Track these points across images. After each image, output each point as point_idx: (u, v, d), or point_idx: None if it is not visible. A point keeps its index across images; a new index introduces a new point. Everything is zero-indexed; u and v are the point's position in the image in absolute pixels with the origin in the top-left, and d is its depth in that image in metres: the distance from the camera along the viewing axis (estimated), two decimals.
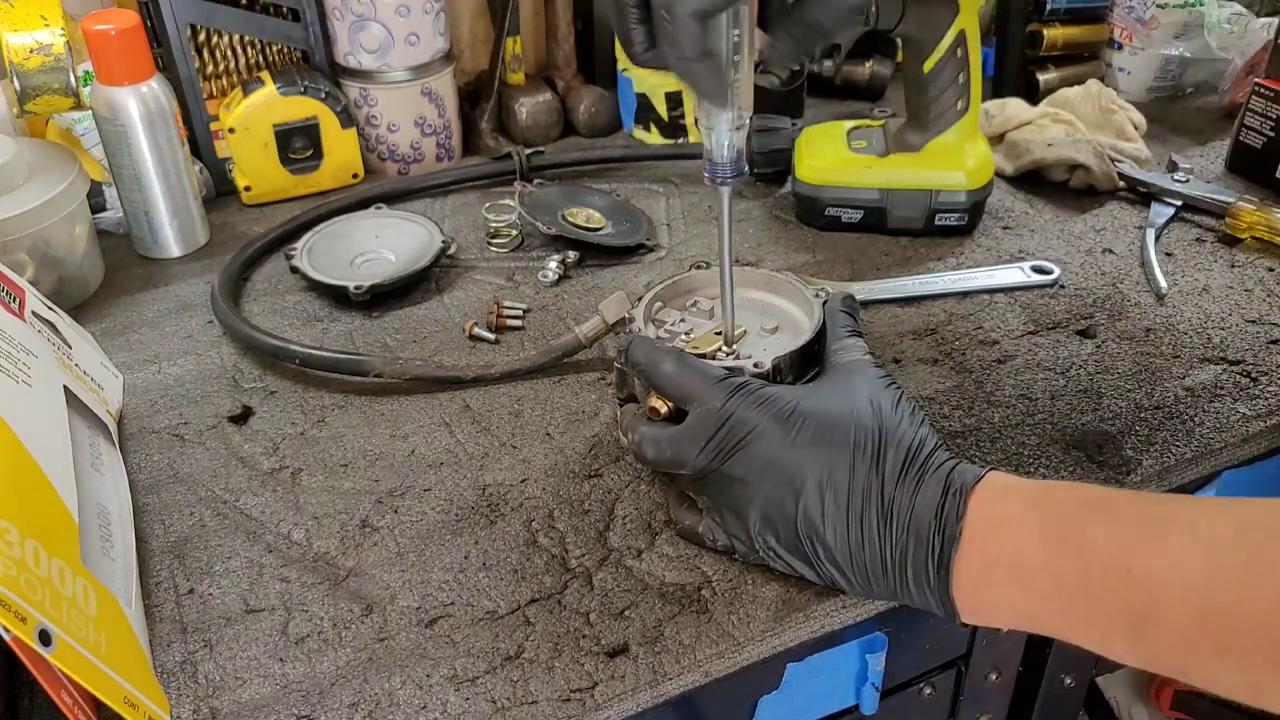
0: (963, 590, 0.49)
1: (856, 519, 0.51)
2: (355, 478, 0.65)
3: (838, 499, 0.51)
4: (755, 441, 0.53)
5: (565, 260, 0.85)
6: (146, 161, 0.83)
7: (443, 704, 0.51)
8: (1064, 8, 1.08)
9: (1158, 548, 0.44)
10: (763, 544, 0.54)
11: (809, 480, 0.52)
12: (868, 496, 0.51)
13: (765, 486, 0.53)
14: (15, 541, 0.44)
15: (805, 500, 0.52)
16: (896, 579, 0.51)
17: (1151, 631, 0.44)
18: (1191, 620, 0.42)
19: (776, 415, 0.53)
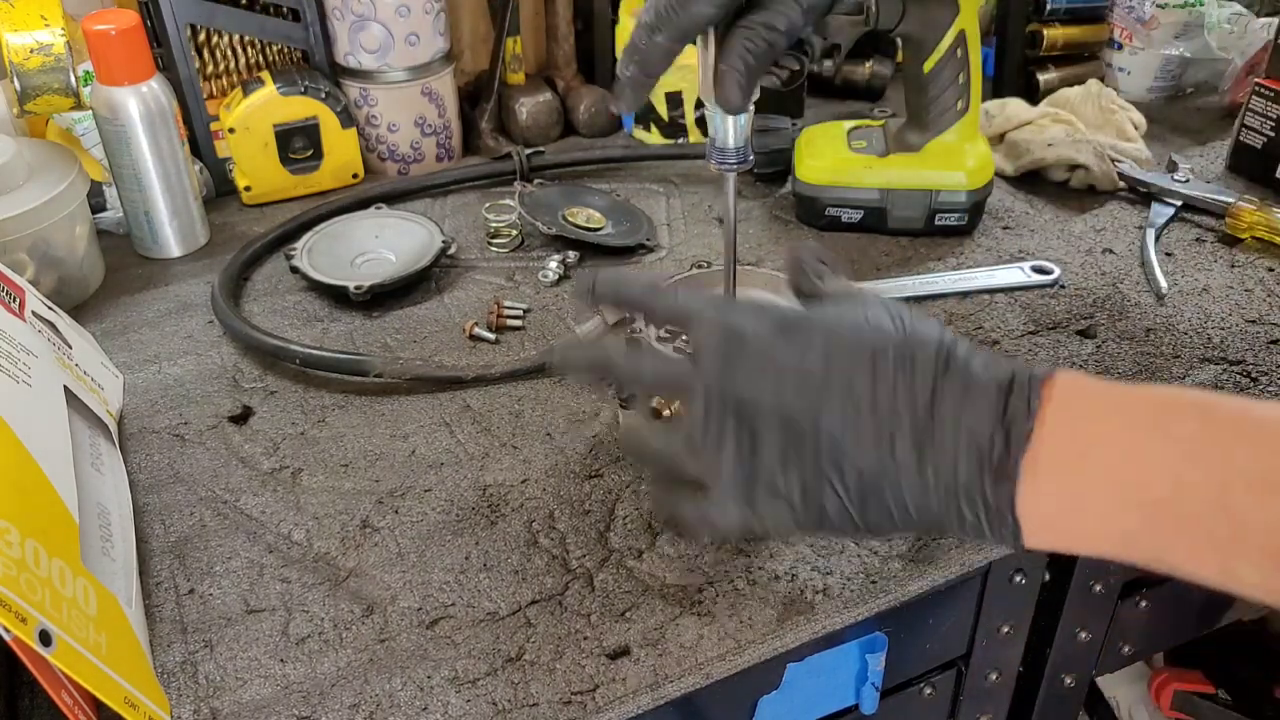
0: (1033, 503, 0.41)
1: (888, 433, 0.43)
2: (356, 478, 0.65)
3: (861, 410, 0.43)
4: (751, 350, 0.46)
5: (565, 260, 0.85)
6: (146, 161, 0.83)
7: (443, 705, 0.51)
8: (1064, 8, 1.08)
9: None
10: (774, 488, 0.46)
11: (825, 394, 0.44)
12: (900, 404, 0.43)
13: (776, 409, 0.45)
14: (15, 541, 0.44)
15: (824, 420, 0.44)
16: (942, 499, 0.43)
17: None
18: None
19: (778, 321, 0.47)
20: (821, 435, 0.44)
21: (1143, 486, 0.39)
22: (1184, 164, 0.93)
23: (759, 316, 0.47)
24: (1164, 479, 0.39)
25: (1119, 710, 1.22)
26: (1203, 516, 0.38)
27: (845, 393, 0.44)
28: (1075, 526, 0.41)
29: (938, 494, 0.43)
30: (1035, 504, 0.41)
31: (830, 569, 0.58)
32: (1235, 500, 0.37)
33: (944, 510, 0.43)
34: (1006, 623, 0.71)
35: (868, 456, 0.44)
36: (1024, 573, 0.69)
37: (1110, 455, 0.40)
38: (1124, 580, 0.76)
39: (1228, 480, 0.37)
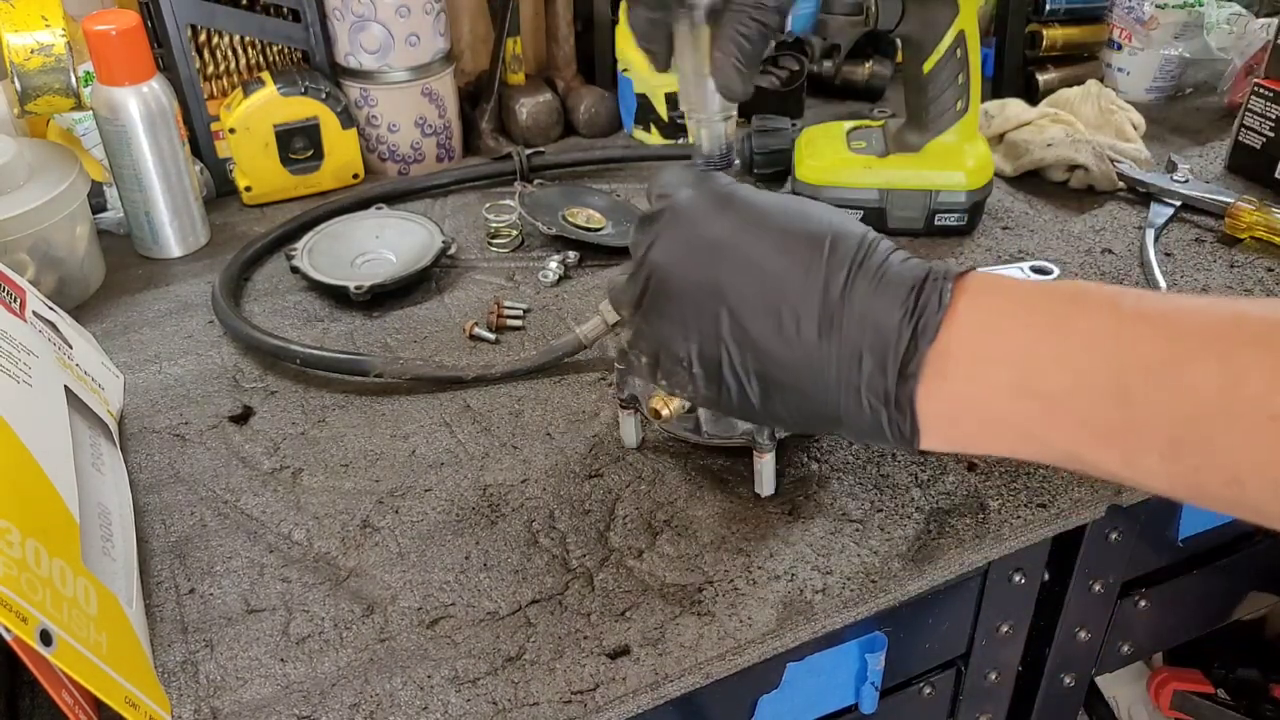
0: (936, 397, 0.41)
1: (794, 313, 0.43)
2: (356, 478, 0.65)
3: (768, 286, 0.43)
4: (681, 218, 0.47)
5: (565, 260, 0.85)
6: (147, 162, 0.83)
7: (444, 705, 0.51)
8: (1063, 8, 1.08)
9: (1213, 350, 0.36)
10: (675, 354, 0.47)
11: (734, 265, 0.44)
12: (810, 286, 0.43)
13: (684, 275, 0.46)
14: (16, 541, 0.44)
15: (729, 291, 0.44)
16: (842, 388, 0.42)
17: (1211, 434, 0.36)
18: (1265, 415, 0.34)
19: (717, 195, 0.47)
20: (724, 305, 0.44)
21: (1043, 378, 0.39)
22: (1183, 164, 0.93)
23: (704, 191, 0.47)
24: (1064, 370, 0.39)
25: (1118, 710, 1.22)
26: (1103, 407, 0.38)
27: (754, 267, 0.44)
28: (977, 421, 0.41)
29: (838, 382, 0.43)
30: (938, 398, 0.41)
31: (830, 569, 0.58)
32: (1134, 389, 0.37)
33: (843, 401, 0.43)
34: (1006, 622, 0.71)
35: (769, 333, 0.43)
36: (1024, 572, 0.69)
37: (1013, 348, 0.40)
38: (1124, 580, 0.76)
39: (1126, 369, 0.37)
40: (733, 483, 0.63)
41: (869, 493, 0.62)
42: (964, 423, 0.42)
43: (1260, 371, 0.35)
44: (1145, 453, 0.38)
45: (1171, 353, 0.37)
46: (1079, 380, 0.39)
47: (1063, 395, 0.39)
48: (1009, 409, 0.40)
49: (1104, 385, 0.38)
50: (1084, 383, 0.38)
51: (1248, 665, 1.11)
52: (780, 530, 0.60)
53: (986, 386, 0.41)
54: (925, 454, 0.48)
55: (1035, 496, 0.62)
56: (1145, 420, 0.37)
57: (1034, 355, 0.40)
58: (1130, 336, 0.38)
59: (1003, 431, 0.41)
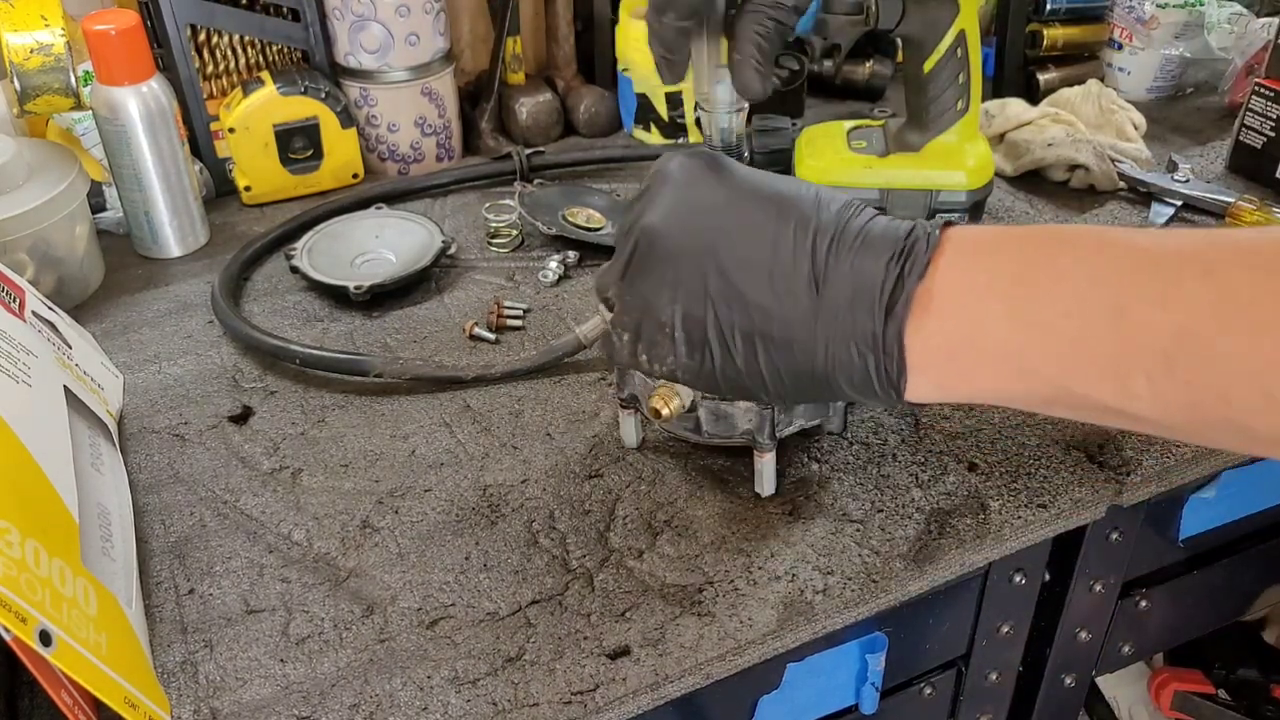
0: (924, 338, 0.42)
1: (784, 272, 0.44)
2: (356, 478, 0.65)
3: (760, 248, 0.44)
4: (671, 181, 0.47)
5: (565, 260, 0.85)
6: (146, 161, 0.83)
7: (443, 705, 0.51)
8: (1064, 8, 1.08)
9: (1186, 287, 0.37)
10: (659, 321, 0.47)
11: (725, 228, 0.45)
12: (799, 249, 0.44)
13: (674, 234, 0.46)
14: (15, 542, 0.44)
15: (721, 252, 0.45)
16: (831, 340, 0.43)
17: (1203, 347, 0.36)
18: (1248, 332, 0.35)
19: (701, 158, 0.48)
20: (714, 262, 0.45)
21: (1035, 307, 0.39)
22: (1184, 164, 0.93)
23: (695, 159, 0.48)
24: (1056, 299, 0.39)
25: (1119, 710, 1.22)
26: (1096, 331, 0.38)
27: (746, 227, 0.45)
28: (967, 357, 0.41)
29: (826, 335, 0.43)
30: (926, 334, 0.41)
31: (831, 569, 0.58)
32: (1128, 310, 0.37)
33: (831, 351, 0.43)
34: (1006, 623, 0.71)
35: (760, 289, 0.44)
36: (1024, 573, 0.69)
37: (1002, 280, 0.40)
38: (1124, 580, 0.76)
39: (1118, 292, 0.38)
40: (733, 483, 0.63)
41: (869, 493, 0.62)
42: (954, 360, 0.42)
43: (1248, 284, 0.36)
44: (1137, 374, 0.38)
45: (1162, 274, 0.38)
46: (1071, 307, 0.39)
47: (1055, 322, 0.39)
48: (1000, 340, 0.40)
49: (1097, 310, 0.38)
50: (1076, 309, 0.39)
51: (1248, 665, 1.12)
52: (781, 530, 0.60)
53: (976, 319, 0.41)
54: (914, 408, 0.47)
55: (1036, 497, 0.62)
56: (1138, 340, 0.37)
57: (1024, 285, 0.40)
58: (1121, 263, 0.38)
59: (993, 366, 0.41)
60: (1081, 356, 0.39)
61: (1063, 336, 0.39)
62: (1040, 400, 0.41)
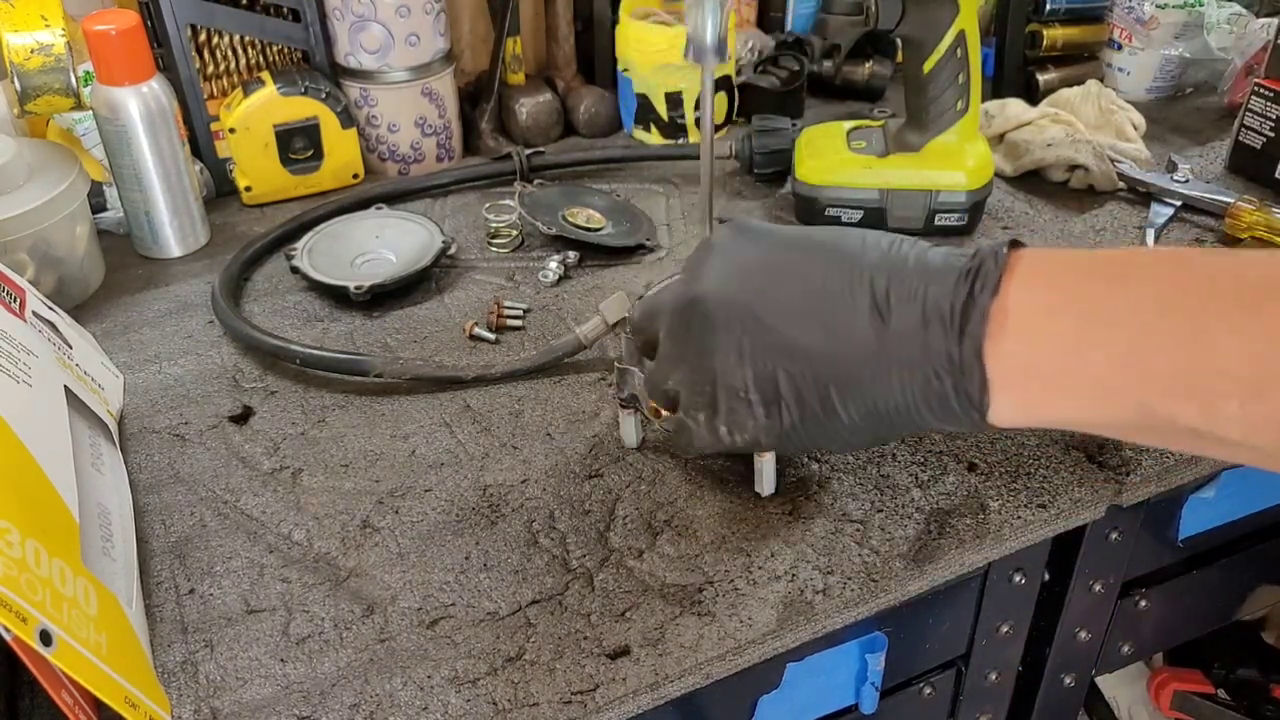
0: (1001, 357, 0.40)
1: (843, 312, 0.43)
2: (356, 478, 0.65)
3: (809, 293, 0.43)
4: (716, 251, 0.47)
5: (565, 260, 0.85)
6: (147, 161, 0.83)
7: (444, 705, 0.51)
8: (1064, 8, 1.08)
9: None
10: (732, 388, 0.46)
11: (769, 281, 0.44)
12: (854, 286, 0.43)
13: (727, 300, 0.45)
14: (16, 542, 0.44)
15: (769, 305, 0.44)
16: (905, 372, 0.41)
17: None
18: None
19: (742, 227, 0.48)
20: (771, 319, 0.44)
21: (1113, 329, 0.38)
22: (1183, 164, 0.93)
23: (736, 228, 0.47)
24: (1136, 322, 0.38)
25: (1119, 710, 1.22)
26: (1180, 355, 0.37)
27: (794, 278, 0.44)
28: (1046, 378, 0.40)
29: (898, 365, 0.42)
30: (1004, 357, 0.40)
31: (831, 569, 0.58)
32: (1213, 336, 0.36)
33: (906, 383, 0.42)
34: (1006, 622, 0.71)
35: (819, 338, 0.43)
36: (1024, 572, 0.69)
37: (1078, 301, 0.39)
38: (1124, 580, 0.76)
39: (1202, 322, 0.37)
40: (733, 483, 0.63)
41: (869, 493, 0.62)
42: (1035, 380, 0.40)
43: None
44: (1225, 398, 0.36)
45: (1243, 295, 0.36)
46: (1150, 328, 0.38)
47: (1134, 342, 0.38)
48: (1079, 359, 0.39)
49: (1176, 332, 0.37)
50: (1156, 330, 0.38)
51: (1248, 665, 1.12)
52: (781, 530, 0.60)
53: (1054, 338, 0.40)
54: (996, 432, 0.46)
55: (1035, 497, 0.62)
56: (1223, 364, 0.36)
57: (1102, 306, 0.39)
58: (1198, 284, 0.37)
59: (1075, 387, 0.40)
60: (1163, 378, 0.38)
61: (1141, 357, 0.38)
62: (1127, 425, 0.40)
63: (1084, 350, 0.39)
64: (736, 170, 0.98)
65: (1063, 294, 0.40)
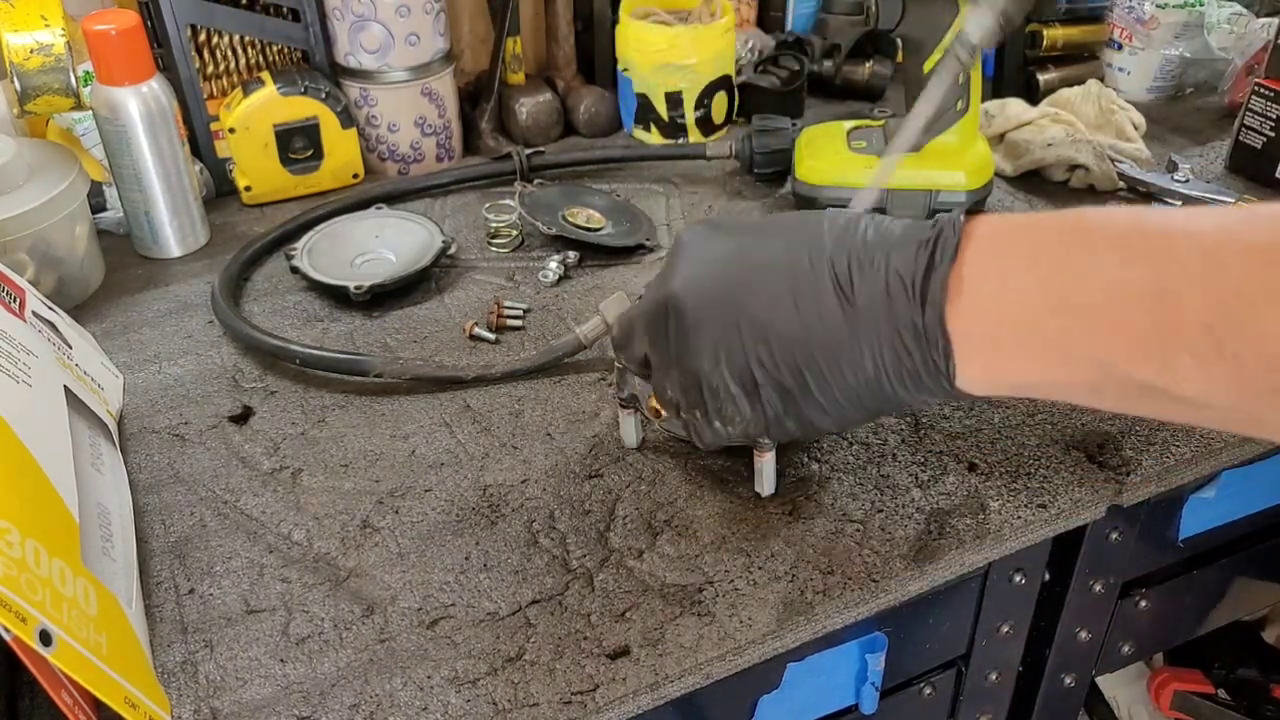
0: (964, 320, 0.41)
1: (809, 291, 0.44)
2: (356, 478, 0.65)
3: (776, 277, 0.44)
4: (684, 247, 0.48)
5: (565, 260, 0.85)
6: (147, 161, 0.83)
7: (444, 705, 0.51)
8: (1063, 8, 1.08)
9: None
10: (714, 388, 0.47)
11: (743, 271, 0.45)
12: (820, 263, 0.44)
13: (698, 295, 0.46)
14: (16, 542, 0.44)
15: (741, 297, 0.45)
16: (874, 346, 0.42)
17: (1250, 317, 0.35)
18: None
19: (708, 223, 0.50)
20: (741, 310, 0.45)
21: (1073, 292, 0.39)
22: (1184, 164, 0.93)
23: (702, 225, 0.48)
24: (1093, 284, 0.38)
25: (1119, 710, 1.22)
26: (1139, 313, 0.37)
27: (760, 265, 0.44)
28: (1010, 340, 0.40)
29: (868, 340, 0.43)
30: (967, 318, 0.41)
31: (830, 568, 0.58)
32: (1171, 294, 0.36)
33: (876, 356, 0.43)
34: (1006, 623, 0.71)
35: (789, 321, 0.44)
36: (1024, 572, 0.69)
37: (1039, 261, 0.40)
38: (1124, 580, 0.76)
39: (1161, 278, 0.37)
40: (733, 483, 0.63)
41: (869, 493, 0.62)
42: (998, 346, 0.41)
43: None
44: (1181, 352, 0.37)
45: (1201, 251, 0.37)
46: (1108, 286, 0.38)
47: (1092, 302, 0.38)
48: (1039, 322, 0.40)
49: (1135, 289, 0.38)
50: (1113, 288, 0.38)
51: (1248, 665, 1.12)
52: (781, 530, 0.60)
53: (1013, 301, 0.40)
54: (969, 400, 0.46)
55: (1035, 497, 0.62)
56: (1182, 316, 0.36)
57: (1059, 266, 0.39)
58: (1156, 241, 0.38)
59: (1038, 350, 0.40)
60: (1122, 336, 0.38)
61: (1101, 316, 0.38)
62: (1087, 386, 0.40)
63: (1044, 312, 0.40)
64: (736, 170, 0.98)
65: (1021, 258, 0.41)
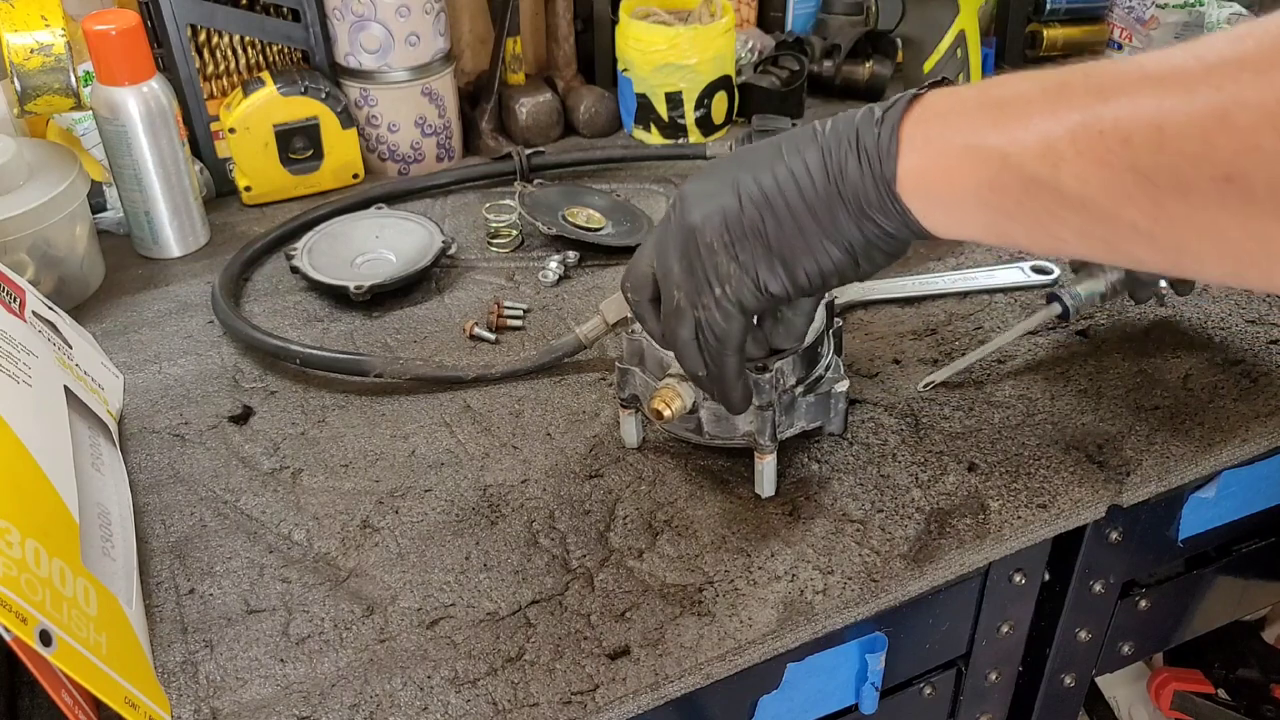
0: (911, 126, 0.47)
1: (784, 152, 0.50)
2: (356, 478, 0.65)
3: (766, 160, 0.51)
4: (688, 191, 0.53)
5: (565, 260, 0.85)
6: (147, 161, 0.83)
7: (443, 705, 0.51)
8: (1064, 8, 1.08)
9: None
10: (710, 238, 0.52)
11: (742, 157, 0.52)
12: (796, 143, 0.51)
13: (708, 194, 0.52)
14: (16, 542, 0.44)
15: (745, 186, 0.51)
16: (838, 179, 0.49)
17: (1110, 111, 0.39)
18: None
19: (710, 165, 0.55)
20: (737, 177, 0.51)
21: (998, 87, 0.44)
22: None
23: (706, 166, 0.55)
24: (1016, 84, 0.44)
25: (1119, 710, 1.22)
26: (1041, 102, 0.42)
27: (752, 150, 0.52)
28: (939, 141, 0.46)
29: (833, 155, 0.49)
30: (912, 126, 0.47)
31: (831, 569, 0.58)
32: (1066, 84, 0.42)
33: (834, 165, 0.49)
34: (1006, 623, 0.71)
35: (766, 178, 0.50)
36: (1024, 573, 0.69)
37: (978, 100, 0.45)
38: (1124, 580, 0.76)
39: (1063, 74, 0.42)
40: (733, 483, 0.63)
41: (869, 493, 0.62)
42: (929, 143, 0.46)
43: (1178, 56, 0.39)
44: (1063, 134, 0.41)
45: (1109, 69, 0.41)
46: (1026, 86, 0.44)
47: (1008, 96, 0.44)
48: (966, 119, 0.45)
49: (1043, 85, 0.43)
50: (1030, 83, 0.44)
51: (1248, 665, 1.11)
52: (781, 530, 0.60)
53: (955, 103, 0.46)
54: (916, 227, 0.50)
55: (1035, 497, 0.62)
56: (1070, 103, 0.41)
57: (997, 82, 0.45)
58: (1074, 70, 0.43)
59: (958, 147, 0.45)
60: (1021, 136, 0.43)
61: (1009, 109, 0.44)
62: (991, 183, 0.44)
63: (970, 108, 0.45)
64: None
65: (963, 95, 0.47)
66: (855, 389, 0.70)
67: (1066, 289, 0.71)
